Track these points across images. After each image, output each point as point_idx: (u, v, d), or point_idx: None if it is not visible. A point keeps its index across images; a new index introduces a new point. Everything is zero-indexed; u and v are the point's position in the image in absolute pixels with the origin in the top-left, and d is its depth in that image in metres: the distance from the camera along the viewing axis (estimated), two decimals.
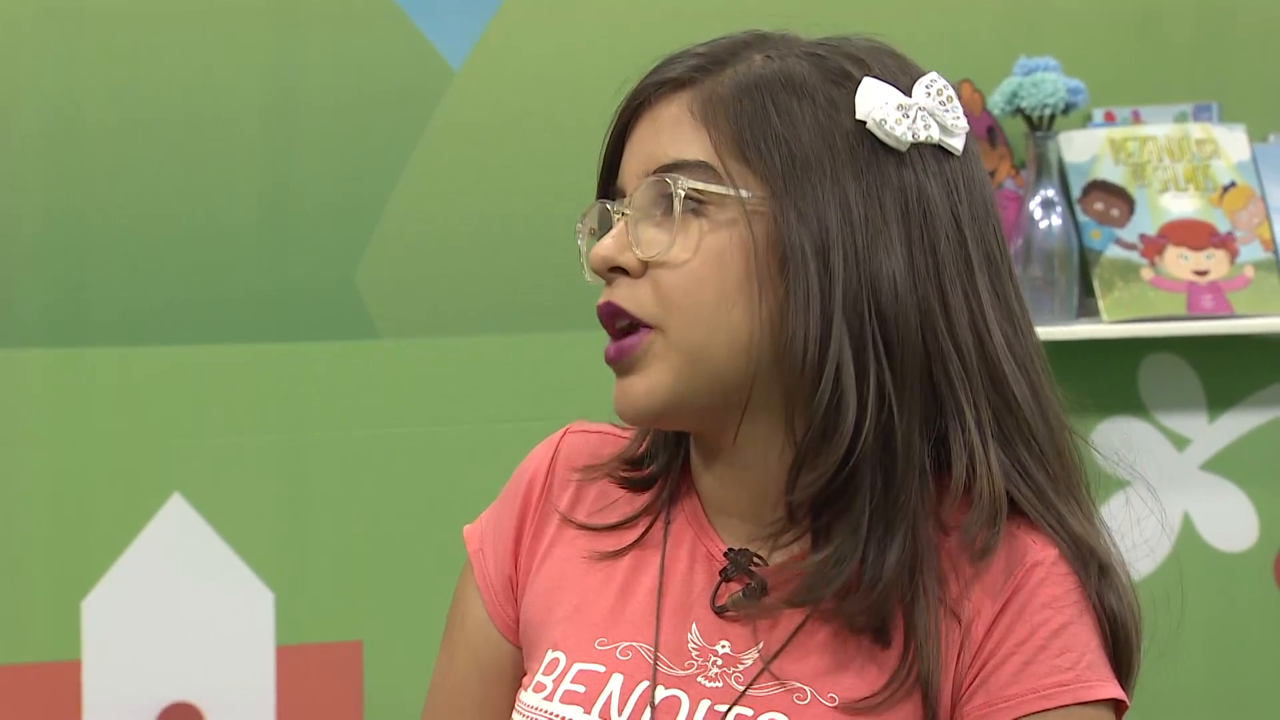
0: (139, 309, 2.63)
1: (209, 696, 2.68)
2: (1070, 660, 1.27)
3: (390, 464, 2.72)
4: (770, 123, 1.28)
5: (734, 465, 1.33)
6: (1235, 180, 2.89)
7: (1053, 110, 2.77)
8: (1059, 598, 1.28)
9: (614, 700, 1.32)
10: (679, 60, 1.33)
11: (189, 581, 2.66)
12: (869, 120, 1.29)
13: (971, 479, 1.28)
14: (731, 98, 1.29)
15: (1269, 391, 2.96)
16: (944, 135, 1.31)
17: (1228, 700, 2.96)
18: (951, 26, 2.83)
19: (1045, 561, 1.29)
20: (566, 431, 1.45)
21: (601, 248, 1.31)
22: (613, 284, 1.31)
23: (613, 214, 1.32)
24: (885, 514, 1.27)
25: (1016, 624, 1.27)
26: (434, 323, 2.72)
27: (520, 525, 1.43)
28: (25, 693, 2.62)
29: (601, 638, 1.35)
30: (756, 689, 1.29)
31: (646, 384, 1.29)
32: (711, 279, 1.28)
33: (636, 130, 1.33)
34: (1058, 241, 2.80)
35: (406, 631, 2.70)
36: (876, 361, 1.27)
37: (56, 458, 2.63)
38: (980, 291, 1.30)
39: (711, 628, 1.33)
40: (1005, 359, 1.31)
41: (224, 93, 2.65)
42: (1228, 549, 2.96)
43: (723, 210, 1.28)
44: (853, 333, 1.26)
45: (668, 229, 1.29)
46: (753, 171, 1.28)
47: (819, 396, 1.26)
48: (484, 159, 2.72)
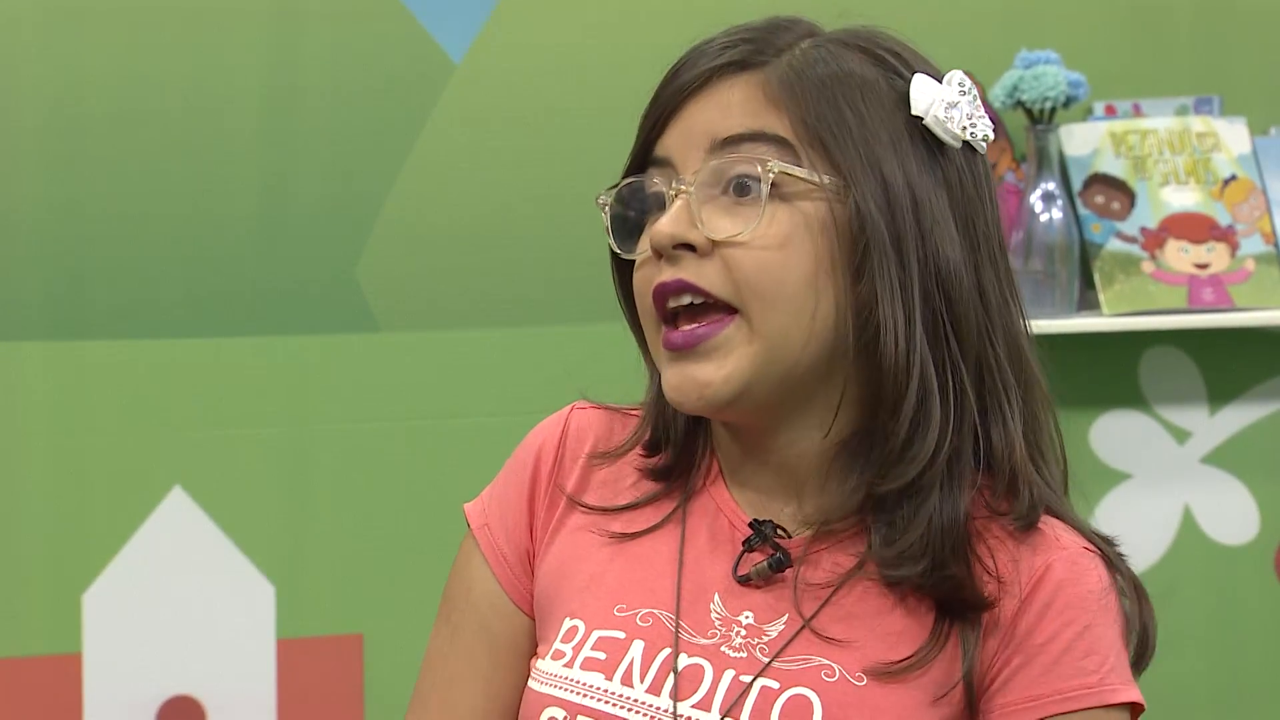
0: (140, 302, 2.63)
1: (210, 689, 2.68)
2: (1095, 663, 1.28)
3: (391, 457, 2.72)
4: (842, 109, 1.29)
5: (772, 451, 1.33)
6: (1236, 173, 2.89)
7: (1053, 103, 2.77)
8: (1085, 596, 1.29)
9: (636, 667, 1.32)
10: (726, 44, 1.32)
11: (190, 575, 2.66)
12: (928, 116, 1.30)
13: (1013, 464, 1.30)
14: (803, 81, 1.29)
15: (1270, 385, 2.96)
16: (980, 133, 1.33)
17: (1228, 693, 2.96)
18: (952, 19, 2.83)
19: (1071, 557, 1.30)
20: (573, 408, 1.45)
21: (668, 224, 1.29)
22: (676, 263, 1.29)
23: (668, 190, 1.31)
24: (951, 500, 1.28)
25: (1045, 618, 1.28)
26: (434, 316, 2.72)
27: (532, 498, 1.42)
28: (26, 686, 2.62)
29: (621, 604, 1.35)
30: (782, 661, 1.29)
31: (724, 372, 1.28)
32: (795, 264, 1.27)
33: (691, 108, 1.31)
34: (1058, 235, 2.80)
35: (407, 624, 2.70)
36: (950, 353, 1.28)
37: (57, 451, 2.63)
38: (1004, 287, 1.33)
39: (734, 597, 1.33)
40: (1029, 352, 1.34)
41: (224, 86, 2.65)
42: (1228, 542, 2.96)
43: (802, 194, 1.28)
44: (926, 324, 1.28)
45: (739, 210, 1.28)
46: (828, 157, 1.28)
47: (909, 389, 1.26)
48: (485, 152, 2.72)
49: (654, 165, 1.33)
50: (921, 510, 1.28)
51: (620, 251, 1.34)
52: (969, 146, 1.33)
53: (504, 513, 1.43)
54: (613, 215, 1.34)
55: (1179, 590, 2.93)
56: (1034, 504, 1.30)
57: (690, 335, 1.29)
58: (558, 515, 1.41)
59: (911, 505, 1.28)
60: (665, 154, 1.32)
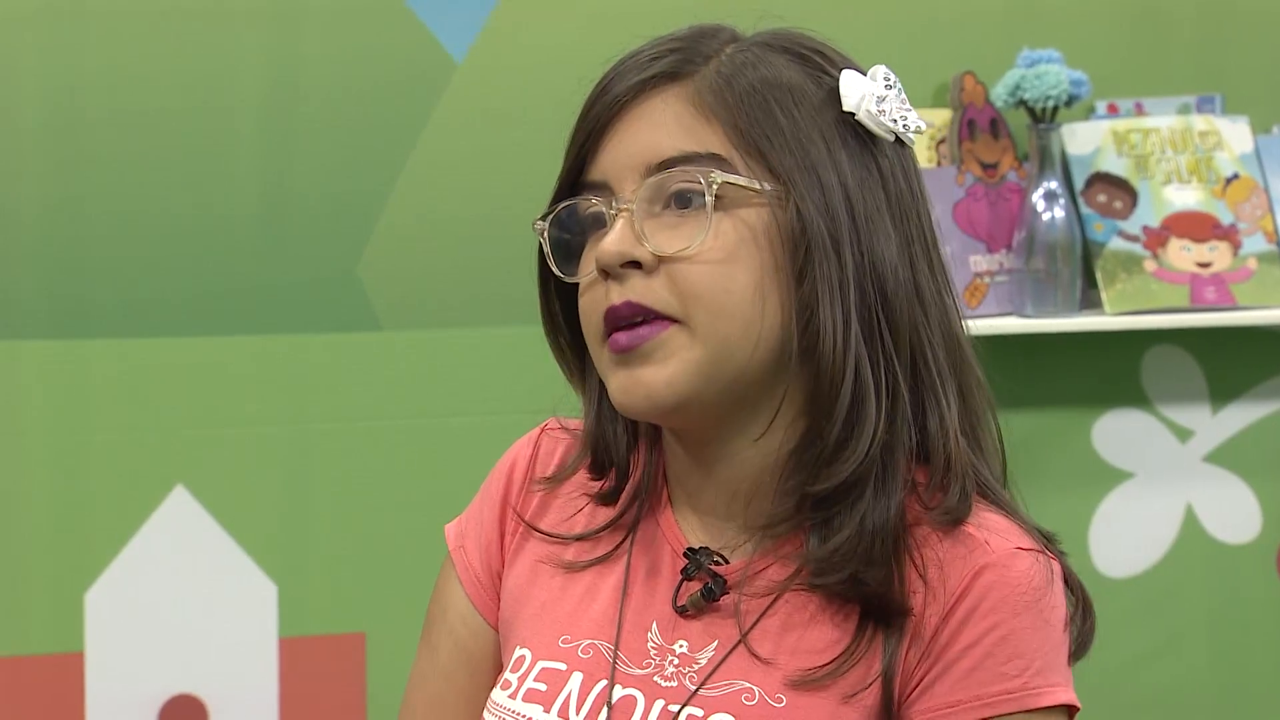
0: (141, 301, 2.63)
1: (212, 688, 2.68)
2: (1018, 667, 1.26)
3: (393, 456, 2.72)
4: (774, 116, 1.29)
5: (719, 461, 1.33)
6: (1238, 172, 2.89)
7: (1056, 102, 2.77)
8: (1011, 600, 1.27)
9: (573, 699, 1.33)
10: (653, 55, 1.33)
11: (192, 574, 2.67)
12: (860, 111, 1.30)
13: (948, 452, 1.29)
14: (731, 90, 1.29)
15: (1272, 383, 2.96)
16: (912, 124, 1.33)
17: (1230, 691, 2.96)
18: (954, 18, 2.83)
19: (999, 561, 1.28)
20: (544, 429, 1.45)
21: (613, 243, 1.28)
22: (623, 281, 1.28)
23: (608, 211, 1.30)
24: (883, 499, 1.28)
25: (966, 626, 1.27)
26: (436, 314, 2.72)
27: (503, 518, 1.44)
28: (29, 685, 2.62)
29: (565, 635, 1.36)
30: (708, 688, 1.29)
31: (666, 375, 1.28)
32: (741, 273, 1.27)
33: (621, 126, 1.32)
34: (1060, 234, 2.79)
35: (410, 623, 2.68)
36: (884, 350, 1.28)
37: (59, 450, 2.63)
38: (938, 280, 1.33)
39: (671, 627, 1.33)
40: (965, 344, 1.34)
41: (226, 85, 2.65)
42: (1230, 541, 2.96)
43: (743, 203, 1.28)
44: (863, 323, 1.28)
45: (683, 225, 1.28)
46: (766, 165, 1.28)
47: (844, 389, 1.26)
48: (487, 151, 2.72)
49: (589, 189, 1.32)
50: (855, 510, 1.28)
51: (563, 275, 1.33)
52: (899, 140, 1.33)
53: (479, 533, 1.45)
54: (551, 240, 1.34)
55: (1181, 589, 2.93)
56: (964, 495, 1.29)
57: (634, 335, 1.28)
58: (519, 539, 1.42)
59: (846, 506, 1.28)
60: (601, 177, 1.31)
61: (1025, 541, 1.30)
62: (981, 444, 1.34)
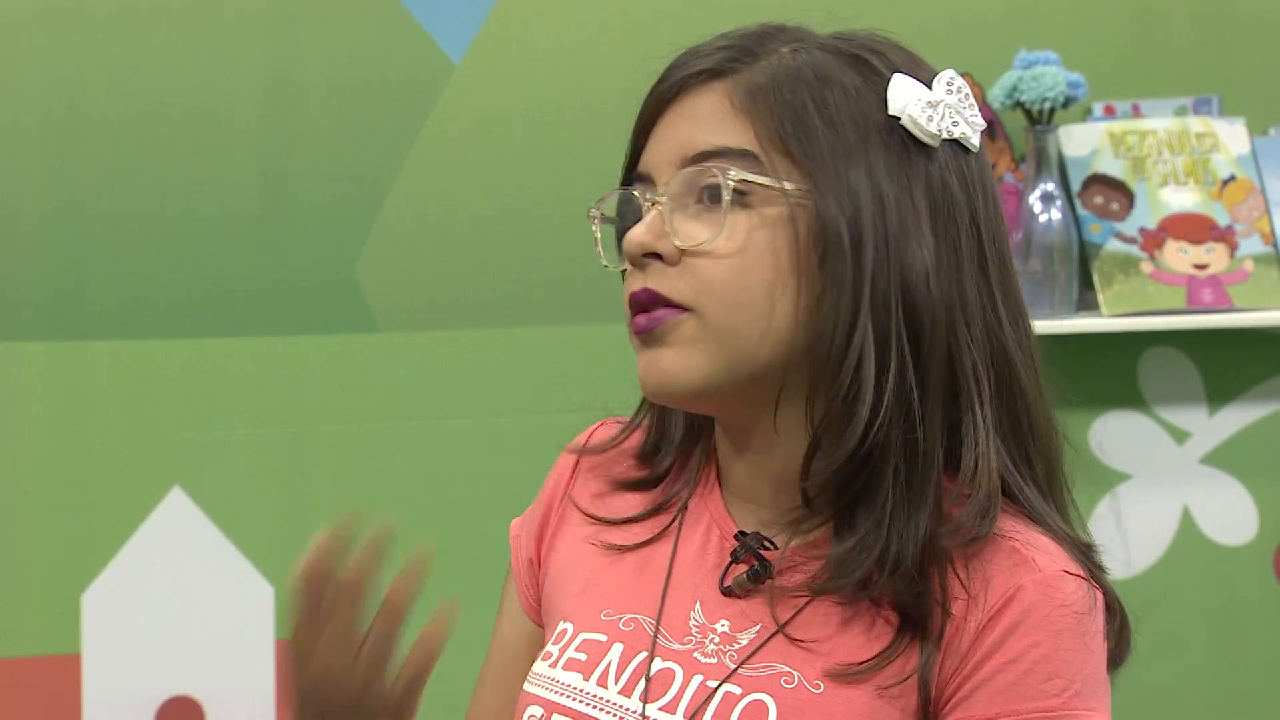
0: (139, 302, 2.63)
1: (209, 690, 2.68)
2: (1058, 687, 1.27)
3: (390, 457, 2.72)
4: (810, 115, 1.30)
5: (757, 451, 1.34)
6: (1235, 174, 2.89)
7: (1052, 104, 2.77)
8: (1054, 619, 1.28)
9: (612, 668, 1.35)
10: (707, 51, 1.34)
11: (189, 575, 2.67)
12: (903, 116, 1.31)
13: (975, 472, 1.30)
14: (771, 89, 1.30)
15: (1269, 385, 2.96)
16: (966, 132, 1.33)
17: (1228, 694, 2.96)
18: (951, 19, 2.83)
19: (1044, 580, 1.28)
20: (602, 423, 1.48)
21: (638, 233, 1.31)
22: (645, 270, 1.31)
23: (643, 202, 1.33)
24: (908, 504, 1.28)
25: (1008, 640, 1.27)
26: (434, 316, 2.72)
27: (548, 512, 1.47)
28: (25, 686, 2.62)
29: (608, 609, 1.38)
30: (748, 668, 1.31)
31: (681, 360, 1.30)
32: (755, 270, 1.29)
33: (666, 119, 1.34)
34: (1057, 235, 2.80)
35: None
36: (900, 354, 1.28)
37: (57, 451, 2.63)
38: (993, 288, 1.32)
39: (714, 606, 1.34)
40: (1015, 356, 1.33)
41: (224, 86, 2.65)
42: (1227, 543, 2.96)
43: (766, 201, 1.29)
44: (878, 324, 1.28)
45: (708, 219, 1.30)
46: (795, 163, 1.29)
47: (837, 385, 1.27)
48: (484, 152, 2.72)
49: (636, 180, 1.35)
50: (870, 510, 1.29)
51: (608, 263, 1.36)
52: (959, 145, 1.33)
53: (529, 526, 1.49)
54: (603, 228, 1.37)
55: (1178, 591, 2.93)
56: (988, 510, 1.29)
57: (650, 318, 1.31)
58: (566, 522, 1.46)
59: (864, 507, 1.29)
60: (646, 169, 1.34)
61: (1072, 566, 1.30)
62: (1029, 456, 1.34)
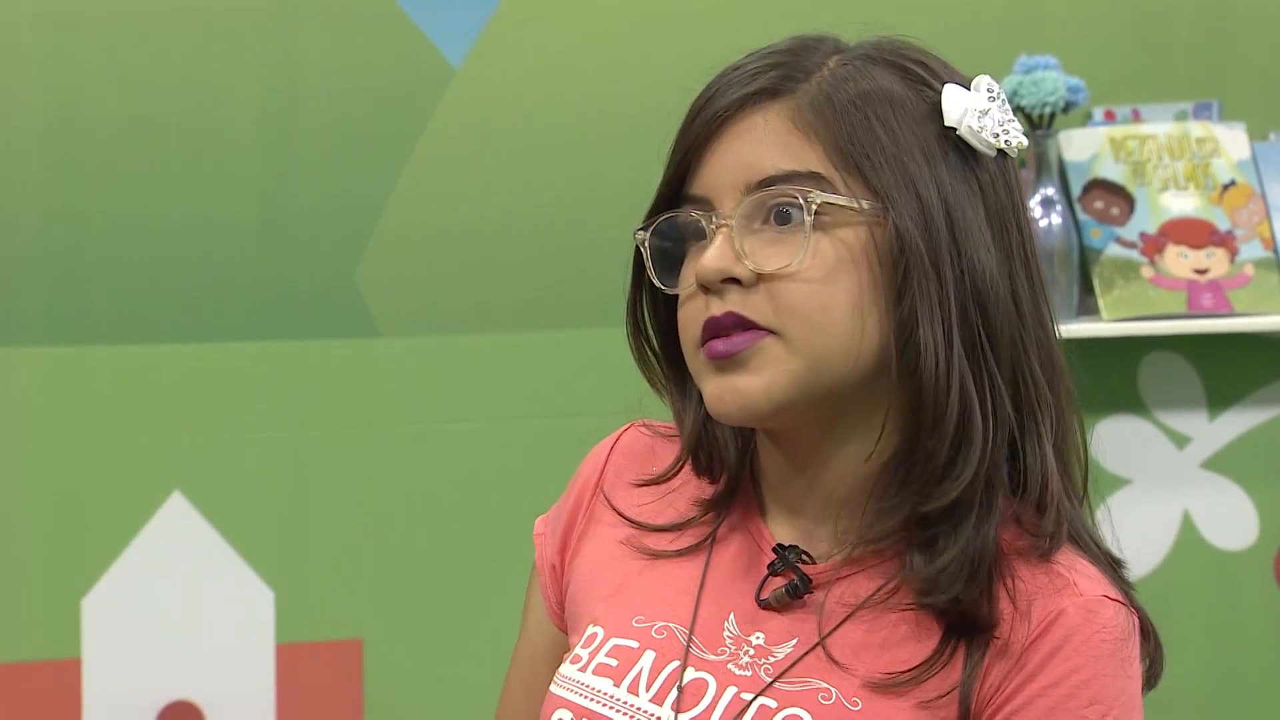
0: (139, 307, 2.63)
1: (209, 695, 2.68)
2: (1098, 713, 1.27)
3: (390, 462, 2.72)
4: (875, 133, 1.29)
5: (816, 466, 1.34)
6: (1235, 178, 2.89)
7: (1053, 108, 2.77)
8: (1095, 645, 1.28)
9: (644, 676, 1.34)
10: (756, 69, 1.32)
11: (189, 580, 2.66)
12: (961, 127, 1.31)
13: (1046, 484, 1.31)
14: (831, 108, 1.30)
15: (1269, 390, 2.96)
16: (1015, 138, 1.34)
17: (1228, 698, 2.96)
18: (951, 24, 2.83)
19: (1086, 605, 1.29)
20: (630, 426, 1.48)
21: (713, 259, 1.29)
22: (723, 295, 1.29)
23: (708, 226, 1.31)
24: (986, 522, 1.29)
25: (1050, 664, 1.27)
26: (434, 321, 2.72)
27: (574, 514, 1.46)
28: (25, 691, 2.62)
29: (640, 615, 1.37)
30: (784, 682, 1.30)
31: (763, 383, 1.29)
32: (840, 291, 1.28)
33: (723, 141, 1.32)
34: (1058, 240, 2.80)
35: (407, 629, 2.70)
36: (987, 368, 1.29)
37: (56, 456, 2.63)
38: (1035, 288, 1.33)
39: (749, 618, 1.34)
40: (1060, 361, 1.34)
41: (224, 90, 2.65)
42: (1228, 547, 2.96)
43: (842, 221, 1.29)
44: (965, 340, 1.28)
45: (784, 241, 1.29)
46: (865, 183, 1.29)
47: (950, 407, 1.27)
48: (485, 157, 2.72)
49: (690, 202, 1.33)
50: (959, 531, 1.28)
51: (663, 286, 1.34)
52: (1001, 152, 1.33)
53: (554, 527, 1.48)
54: (653, 249, 1.35)
55: (1178, 596, 2.93)
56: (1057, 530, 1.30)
57: (730, 343, 1.29)
58: (595, 522, 1.45)
59: (950, 526, 1.29)
60: (703, 192, 1.32)
61: (1112, 591, 1.31)
62: (1068, 463, 1.34)
